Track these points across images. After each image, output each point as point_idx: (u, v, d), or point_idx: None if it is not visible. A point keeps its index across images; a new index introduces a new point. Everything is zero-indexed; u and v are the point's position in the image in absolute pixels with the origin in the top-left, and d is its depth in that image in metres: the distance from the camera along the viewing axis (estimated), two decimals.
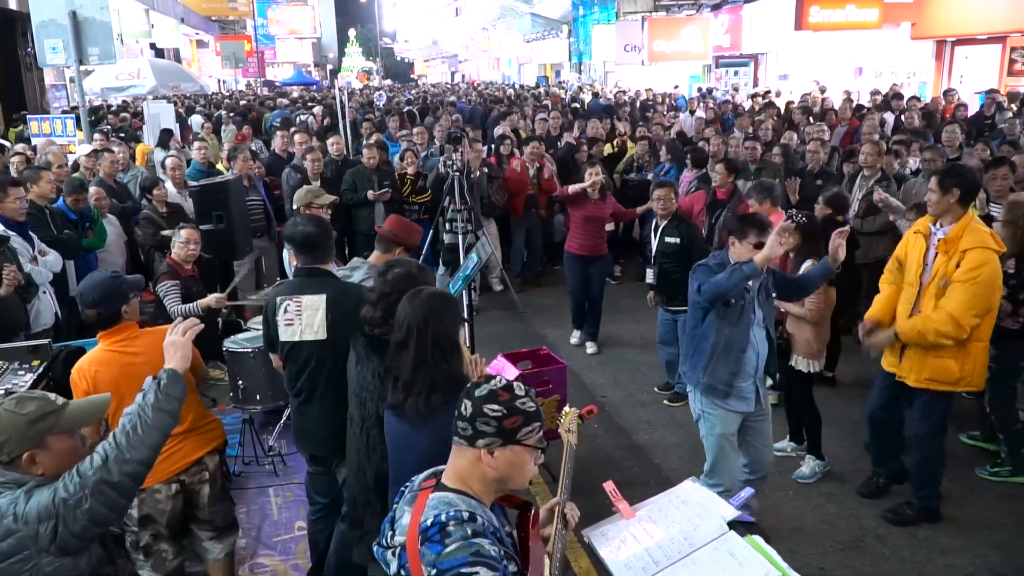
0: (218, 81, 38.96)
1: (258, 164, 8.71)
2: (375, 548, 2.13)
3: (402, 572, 1.99)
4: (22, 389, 3.87)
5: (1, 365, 4.33)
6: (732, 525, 2.54)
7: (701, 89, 20.82)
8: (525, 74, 41.36)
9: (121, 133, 13.37)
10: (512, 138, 10.34)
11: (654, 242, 6.26)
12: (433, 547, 1.92)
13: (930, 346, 4.24)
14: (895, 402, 4.63)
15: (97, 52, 10.26)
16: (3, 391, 3.93)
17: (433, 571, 1.90)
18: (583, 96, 22.07)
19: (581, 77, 31.83)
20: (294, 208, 6.06)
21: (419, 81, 54.68)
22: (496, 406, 2.05)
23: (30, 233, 5.65)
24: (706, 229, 7.14)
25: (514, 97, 22.61)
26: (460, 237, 7.77)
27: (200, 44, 39.59)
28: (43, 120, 11.38)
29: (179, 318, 2.91)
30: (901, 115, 11.41)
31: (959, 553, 4.37)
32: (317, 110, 17.38)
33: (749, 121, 11.89)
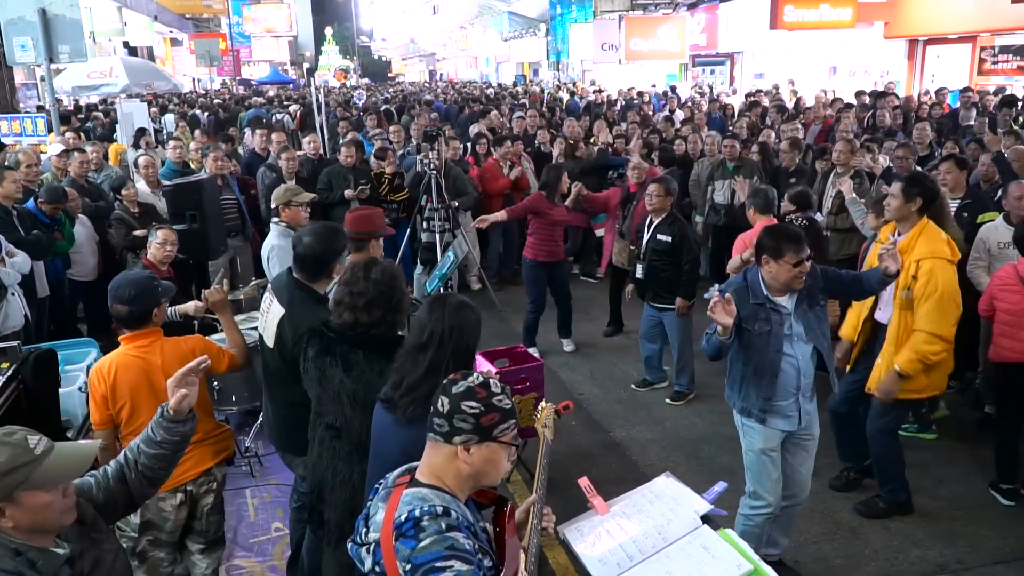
0: (193, 80, 38.57)
1: (234, 163, 8.65)
2: (349, 545, 2.13)
3: (377, 568, 1.99)
4: None
5: None
6: (706, 519, 2.56)
7: (667, 92, 20.60)
8: (503, 73, 41.38)
9: (83, 129, 13.20)
10: (488, 136, 10.34)
11: (645, 237, 6.25)
12: (407, 542, 1.92)
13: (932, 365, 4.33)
14: (859, 398, 4.71)
15: (68, 50, 10.15)
16: None
17: (408, 566, 1.90)
18: (562, 95, 22.07)
19: (559, 75, 31.89)
20: (272, 207, 6.02)
21: (397, 79, 54.49)
22: (474, 403, 2.05)
23: None
24: (619, 223, 7.22)
25: (492, 96, 22.59)
26: (438, 235, 7.75)
27: (174, 42, 39.14)
28: (13, 119, 11.20)
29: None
30: (873, 113, 11.53)
31: (930, 544, 4.44)
32: (293, 108, 17.28)
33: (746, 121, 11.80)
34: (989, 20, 14.61)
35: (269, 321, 3.60)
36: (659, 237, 6.14)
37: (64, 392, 4.56)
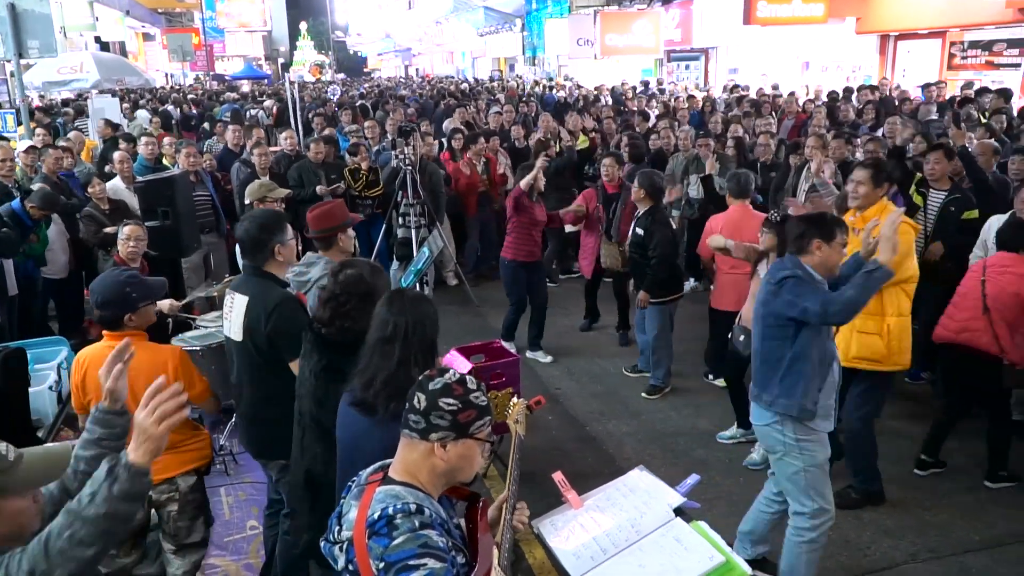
0: (166, 75, 38.13)
1: (208, 158, 8.56)
2: (322, 544, 2.13)
3: (350, 567, 1.99)
4: None
5: None
6: (678, 512, 2.58)
7: (637, 87, 20.43)
8: (479, 68, 41.29)
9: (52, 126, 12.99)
10: (464, 131, 10.31)
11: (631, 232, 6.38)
12: (381, 540, 1.92)
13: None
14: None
15: (37, 45, 9.98)
16: None
17: (381, 564, 1.90)
18: (538, 91, 22.02)
19: (536, 70, 31.88)
20: (247, 203, 5.97)
21: (373, 75, 54.16)
22: (451, 400, 2.06)
23: None
24: (603, 225, 7.14)
25: (468, 91, 22.51)
26: (413, 231, 7.72)
27: (147, 37, 38.68)
28: None
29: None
30: (838, 107, 11.64)
31: (902, 534, 4.51)
32: (268, 104, 17.12)
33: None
34: (958, 15, 14.80)
35: (235, 316, 3.56)
36: (637, 231, 6.24)
37: (34, 391, 4.52)
